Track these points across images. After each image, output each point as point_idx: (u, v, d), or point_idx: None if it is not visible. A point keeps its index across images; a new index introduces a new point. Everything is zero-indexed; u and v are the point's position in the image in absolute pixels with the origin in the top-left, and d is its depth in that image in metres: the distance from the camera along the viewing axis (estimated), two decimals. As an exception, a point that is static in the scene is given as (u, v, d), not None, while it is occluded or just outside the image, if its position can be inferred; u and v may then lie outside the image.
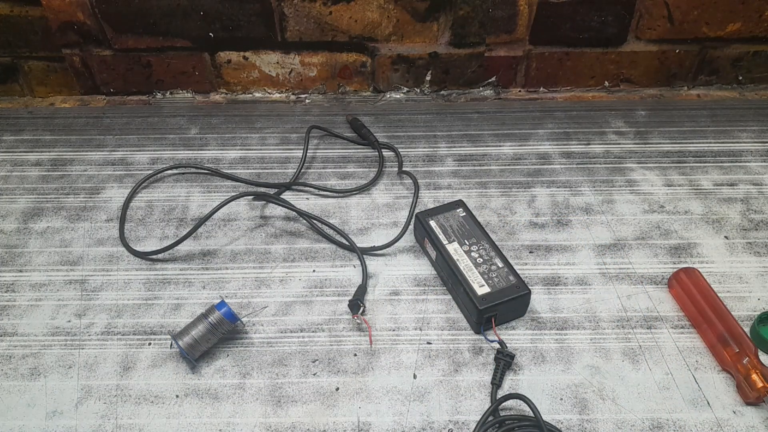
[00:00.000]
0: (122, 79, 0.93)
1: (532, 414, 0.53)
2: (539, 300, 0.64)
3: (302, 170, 0.79)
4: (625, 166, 0.80)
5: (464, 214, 0.68)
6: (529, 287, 0.61)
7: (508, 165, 0.81)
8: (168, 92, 0.94)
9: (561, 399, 0.56)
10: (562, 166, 0.80)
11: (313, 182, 0.78)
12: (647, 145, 0.84)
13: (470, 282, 0.61)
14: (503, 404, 0.55)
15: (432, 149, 0.83)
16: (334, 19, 0.86)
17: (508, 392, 0.56)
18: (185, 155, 0.83)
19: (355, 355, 0.60)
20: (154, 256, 0.69)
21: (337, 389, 0.57)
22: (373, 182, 0.78)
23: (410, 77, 0.92)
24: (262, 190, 0.76)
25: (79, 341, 0.61)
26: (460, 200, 0.69)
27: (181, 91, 0.94)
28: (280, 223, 0.73)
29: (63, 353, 0.60)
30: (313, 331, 0.62)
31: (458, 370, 0.58)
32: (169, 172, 0.80)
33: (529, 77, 0.93)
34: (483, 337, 0.61)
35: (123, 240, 0.71)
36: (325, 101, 0.94)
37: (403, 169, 0.80)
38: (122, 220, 0.73)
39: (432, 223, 0.67)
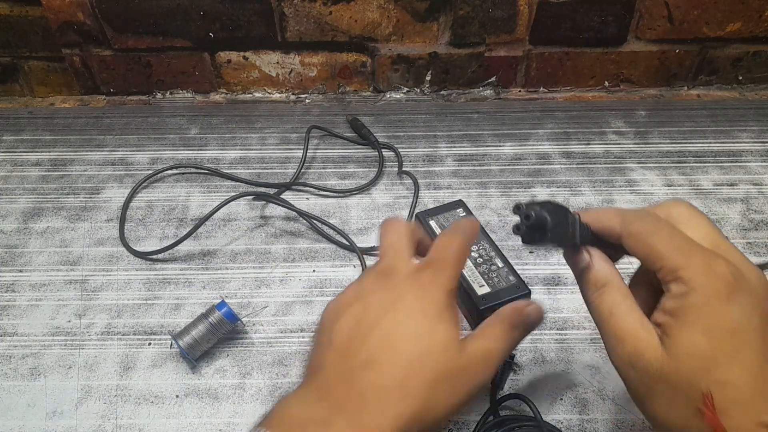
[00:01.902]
0: (122, 79, 0.93)
1: (532, 414, 0.53)
2: (539, 300, 0.64)
3: (302, 170, 0.79)
4: (625, 166, 0.80)
5: (464, 214, 0.68)
6: (529, 287, 0.61)
7: (508, 165, 0.81)
8: (168, 92, 0.94)
9: (561, 399, 0.56)
10: (562, 166, 0.80)
11: (313, 182, 0.78)
12: (647, 145, 0.84)
13: (470, 282, 0.60)
14: (503, 404, 0.55)
15: (432, 149, 0.83)
16: (334, 19, 0.86)
17: (508, 392, 0.56)
18: (185, 155, 0.83)
19: (355, 355, 0.59)
20: (154, 256, 0.69)
21: (337, 389, 0.57)
22: (373, 182, 0.78)
23: (410, 77, 0.92)
24: (262, 190, 0.76)
25: (79, 341, 0.61)
26: (460, 200, 0.69)
27: (181, 91, 0.94)
28: (280, 223, 0.73)
29: (63, 353, 0.60)
30: (313, 331, 0.62)
31: (458, 370, 0.58)
32: (169, 172, 0.80)
33: (529, 77, 0.93)
34: (483, 337, 0.61)
35: (123, 240, 0.71)
36: (325, 101, 0.94)
37: (403, 169, 0.80)
38: (122, 220, 0.73)
39: (432, 223, 0.67)
